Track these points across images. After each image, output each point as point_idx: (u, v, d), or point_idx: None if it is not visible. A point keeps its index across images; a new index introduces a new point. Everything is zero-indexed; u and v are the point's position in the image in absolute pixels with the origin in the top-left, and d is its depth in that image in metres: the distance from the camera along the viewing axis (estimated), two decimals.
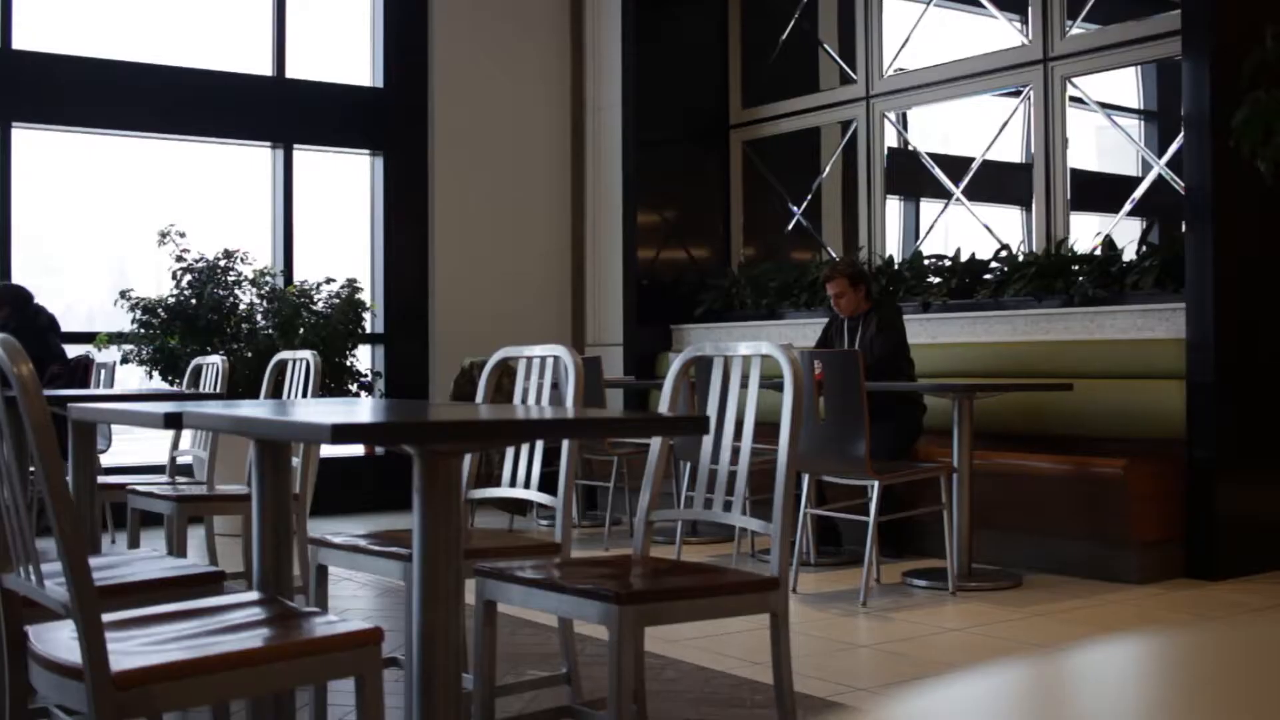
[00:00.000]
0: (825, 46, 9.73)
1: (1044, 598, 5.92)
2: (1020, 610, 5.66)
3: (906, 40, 8.97)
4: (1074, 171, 7.96)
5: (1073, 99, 7.96)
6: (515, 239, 10.12)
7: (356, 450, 9.50)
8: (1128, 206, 7.84)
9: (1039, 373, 7.06)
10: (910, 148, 9.16)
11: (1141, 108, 8.85)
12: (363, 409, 3.22)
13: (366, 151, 9.97)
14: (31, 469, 3.68)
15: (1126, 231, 7.74)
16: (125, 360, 8.17)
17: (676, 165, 10.05)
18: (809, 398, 5.88)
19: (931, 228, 8.97)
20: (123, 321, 8.24)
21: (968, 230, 8.56)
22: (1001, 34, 8.43)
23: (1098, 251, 7.41)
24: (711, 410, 3.27)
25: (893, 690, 4.26)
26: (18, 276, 8.46)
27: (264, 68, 9.55)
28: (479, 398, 3.99)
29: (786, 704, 3.01)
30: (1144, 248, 7.35)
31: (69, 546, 2.08)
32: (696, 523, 7.57)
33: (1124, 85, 8.52)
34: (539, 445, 3.76)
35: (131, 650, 2.21)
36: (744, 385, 3.28)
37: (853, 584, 6.14)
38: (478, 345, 8.96)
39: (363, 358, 9.29)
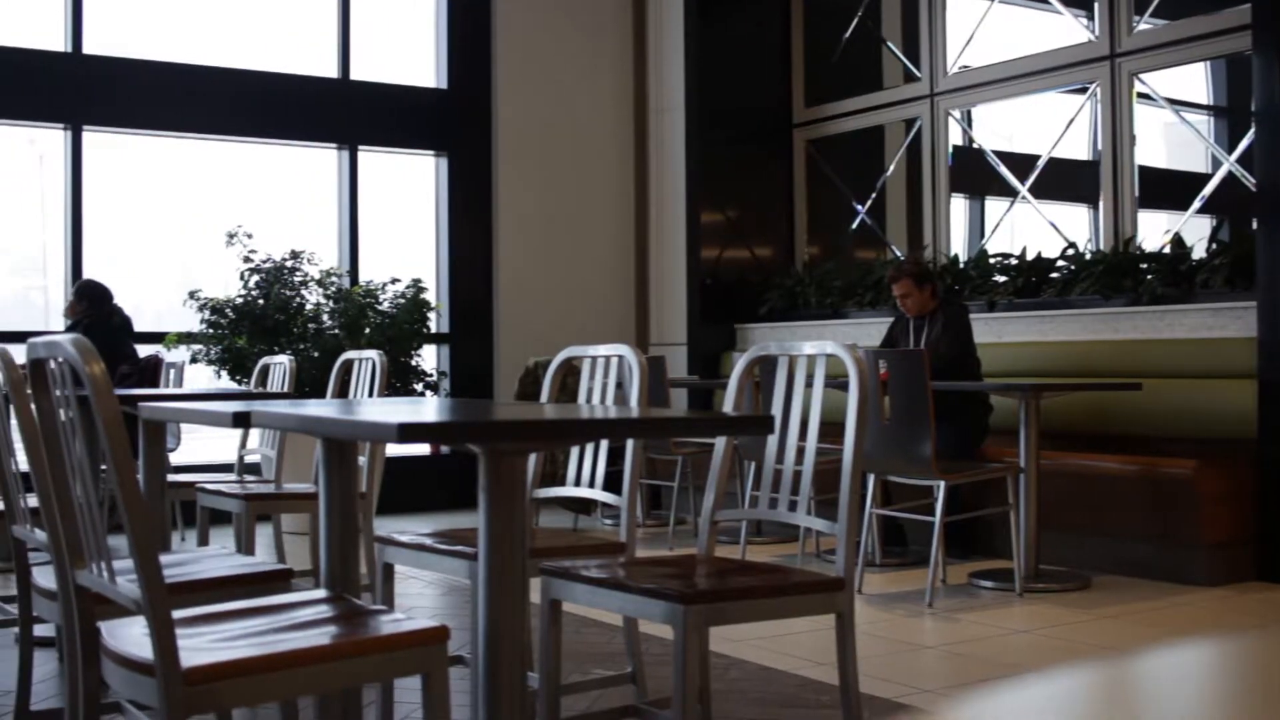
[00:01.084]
0: (889, 44, 9.68)
1: (1112, 599, 5.86)
2: (1088, 612, 5.60)
3: (971, 37, 8.91)
4: (1142, 168, 7.87)
5: (1140, 95, 7.87)
6: (579, 238, 10.14)
7: (422, 449, 9.55)
8: (1197, 204, 7.74)
9: (1106, 372, 7.00)
10: (975, 145, 9.09)
11: (1211, 103, 8.73)
12: (428, 408, 3.24)
13: (431, 152, 10.03)
14: (103, 467, 3.72)
15: (1196, 229, 7.65)
16: (194, 360, 8.26)
17: (739, 164, 10.04)
18: (874, 397, 5.85)
19: (997, 226, 8.90)
20: (191, 321, 8.33)
21: (1034, 229, 8.48)
22: (1067, 30, 8.35)
23: (1166, 249, 7.33)
24: (776, 410, 3.27)
25: (960, 692, 4.23)
26: (90, 275, 8.56)
27: (330, 70, 9.62)
28: (544, 397, 4.01)
29: (852, 705, 3.00)
30: (1214, 245, 7.26)
31: (140, 544, 2.10)
32: (761, 522, 7.56)
33: (1192, 81, 8.41)
34: (604, 445, 3.77)
35: (201, 646, 2.23)
36: (809, 385, 3.27)
37: (918, 585, 6.10)
38: (542, 345, 8.98)
39: (428, 357, 9.34)
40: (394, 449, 7.42)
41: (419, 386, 8.66)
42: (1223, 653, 0.77)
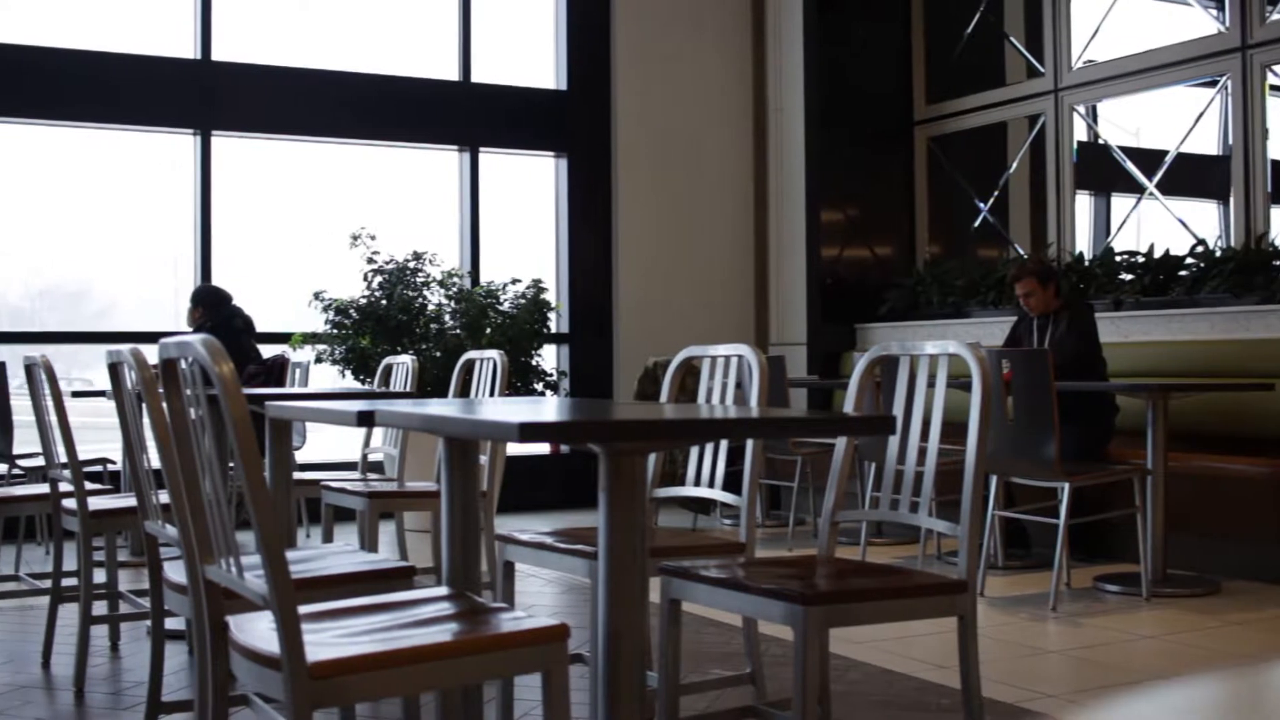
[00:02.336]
0: (1011, 39, 9.55)
1: (1243, 605, 5.73)
2: (1218, 618, 5.48)
3: (1096, 31, 8.76)
4: (1275, 163, 7.68)
5: (1273, 88, 7.69)
6: (698, 238, 10.13)
7: (542, 449, 9.61)
8: None
9: (1236, 372, 6.84)
10: (1100, 141, 8.94)
11: None
12: (549, 408, 3.26)
13: (551, 153, 10.09)
14: (231, 465, 3.79)
15: None
16: (319, 360, 8.39)
17: (860, 163, 9.98)
18: (997, 397, 5.78)
19: (1123, 223, 8.74)
20: (317, 322, 8.46)
21: (1161, 225, 8.32)
22: (1196, 22, 8.18)
23: None
24: (898, 410, 3.24)
25: (1084, 698, 4.16)
26: (218, 278, 8.75)
27: (451, 73, 9.72)
28: (663, 397, 4.01)
29: (974, 709, 2.96)
30: None
31: (267, 540, 2.14)
32: (881, 524, 7.50)
33: None
34: (723, 445, 3.76)
35: (326, 641, 2.27)
36: (930, 385, 3.24)
37: (1042, 588, 6.01)
38: (661, 344, 9.00)
39: (548, 357, 9.40)
40: (514, 448, 7.48)
41: (539, 386, 8.72)
42: None
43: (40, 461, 6.19)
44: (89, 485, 4.53)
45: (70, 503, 4.44)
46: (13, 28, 8.50)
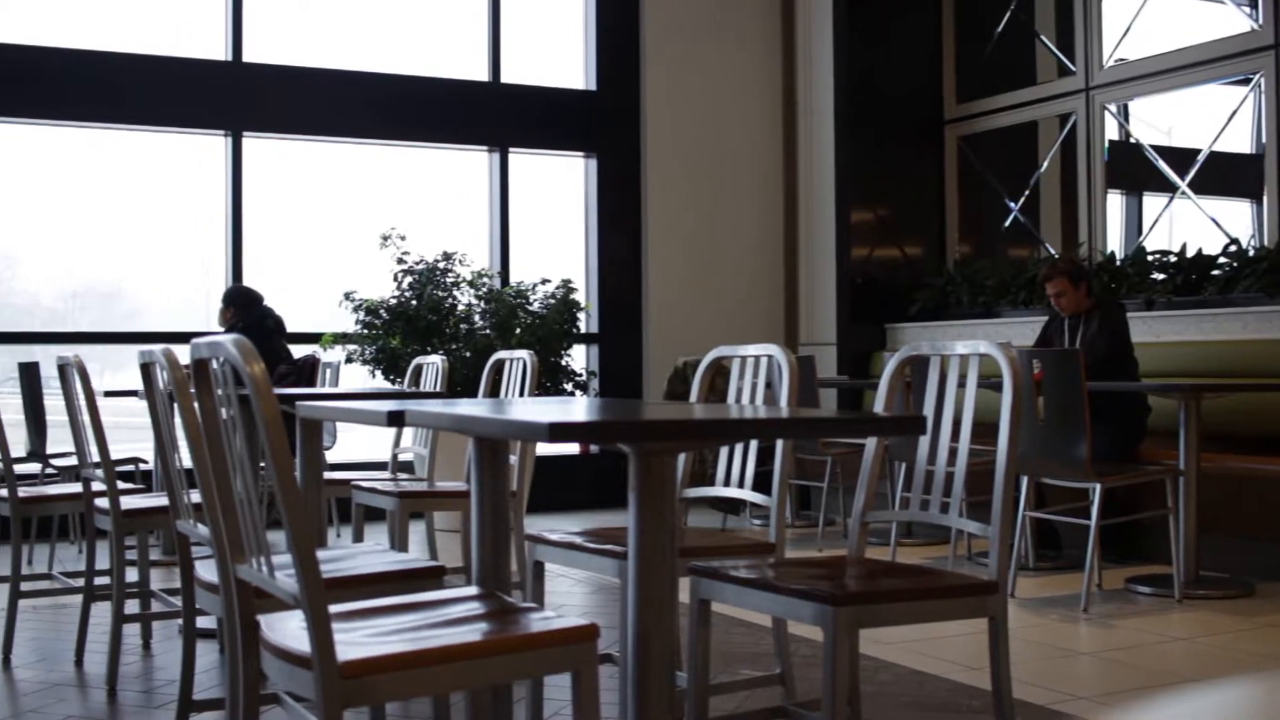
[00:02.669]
0: (1042, 38, 9.51)
1: (1278, 607, 5.69)
2: (1252, 620, 5.44)
3: (1128, 29, 8.71)
4: None
5: None
6: (728, 238, 10.12)
7: (572, 449, 9.62)
8: None
9: (1270, 372, 6.79)
10: (1132, 140, 8.89)
11: None
12: (578, 408, 3.26)
13: (580, 153, 10.10)
14: (262, 464, 3.81)
15: None
16: (349, 360, 8.42)
17: (889, 162, 9.96)
18: (1028, 397, 5.76)
19: (1155, 223, 8.70)
20: (347, 322, 8.49)
21: (1194, 225, 8.28)
22: (1229, 19, 8.13)
23: None
24: (928, 410, 3.23)
25: (1116, 700, 4.14)
26: (249, 278, 8.79)
27: (480, 73, 9.74)
28: (693, 397, 4.01)
29: (1006, 710, 2.95)
30: None
31: (298, 539, 2.14)
32: (912, 524, 7.48)
33: None
34: (753, 445, 3.76)
35: (357, 641, 2.27)
36: (961, 385, 3.23)
37: (1073, 589, 5.99)
38: (690, 344, 8.99)
39: (577, 357, 9.41)
40: (544, 448, 7.48)
41: (569, 386, 8.73)
42: None
43: (73, 461, 6.23)
44: (121, 485, 4.55)
45: (103, 502, 4.47)
46: (45, 31, 8.56)
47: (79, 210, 8.97)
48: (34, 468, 6.90)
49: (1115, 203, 9.03)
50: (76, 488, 5.01)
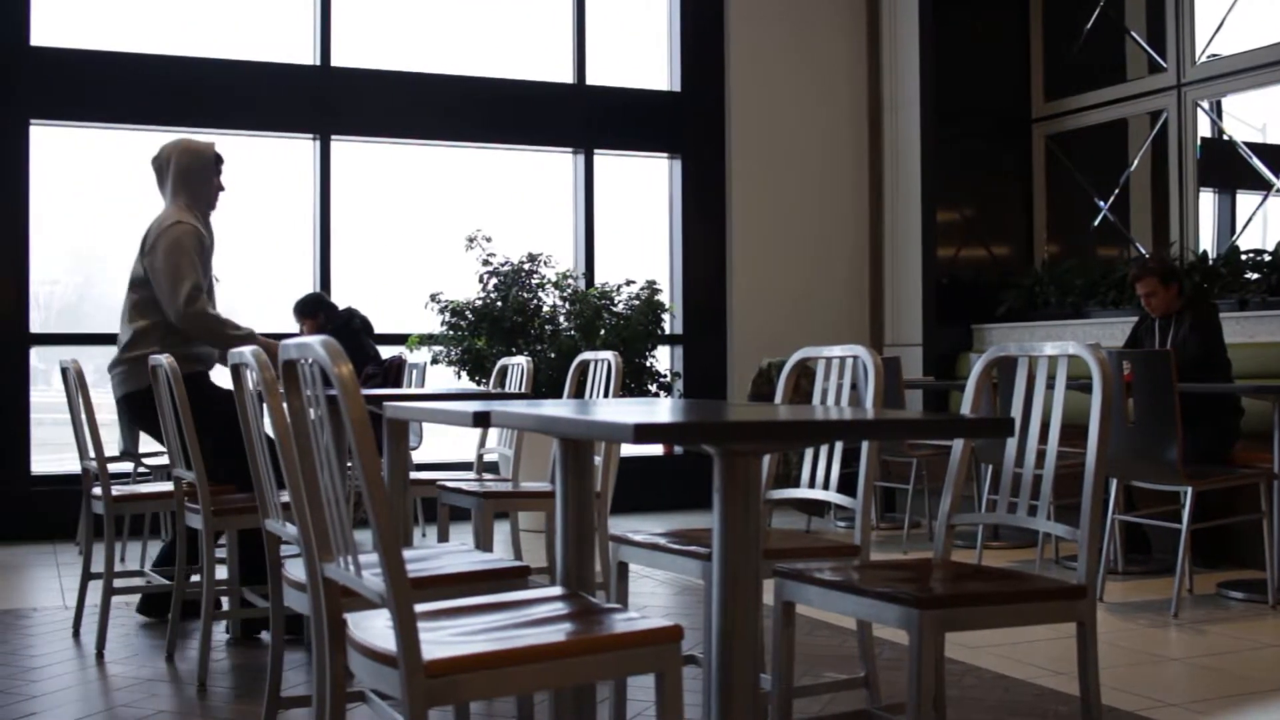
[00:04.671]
0: (1132, 34, 9.38)
1: None
2: None
3: (1221, 24, 8.58)
4: None
5: None
6: (813, 238, 10.09)
7: (656, 450, 9.63)
8: None
9: None
10: (1225, 137, 8.75)
11: None
12: (663, 409, 3.26)
13: (665, 154, 10.10)
14: (349, 464, 3.86)
15: None
16: (435, 361, 8.48)
17: (976, 161, 9.87)
18: (1118, 400, 5.68)
19: (1249, 221, 8.55)
20: (433, 323, 8.55)
21: None
22: None
23: None
24: (1016, 412, 3.19)
25: (1207, 707, 4.08)
26: (337, 280, 8.89)
27: (565, 75, 9.78)
28: (777, 398, 3.99)
29: (1094, 716, 2.91)
30: None
31: (384, 539, 2.16)
32: (998, 527, 7.41)
33: None
34: (838, 446, 3.74)
35: (442, 640, 2.29)
36: (1049, 386, 3.19)
37: (1163, 594, 5.90)
38: (775, 345, 8.97)
39: (662, 358, 9.41)
40: (628, 449, 7.49)
41: (653, 387, 8.73)
42: None
43: (164, 460, 6.33)
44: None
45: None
46: (138, 38, 8.70)
47: None
48: (126, 466, 7.01)
49: (1207, 201, 8.89)
50: (168, 486, 5.09)
